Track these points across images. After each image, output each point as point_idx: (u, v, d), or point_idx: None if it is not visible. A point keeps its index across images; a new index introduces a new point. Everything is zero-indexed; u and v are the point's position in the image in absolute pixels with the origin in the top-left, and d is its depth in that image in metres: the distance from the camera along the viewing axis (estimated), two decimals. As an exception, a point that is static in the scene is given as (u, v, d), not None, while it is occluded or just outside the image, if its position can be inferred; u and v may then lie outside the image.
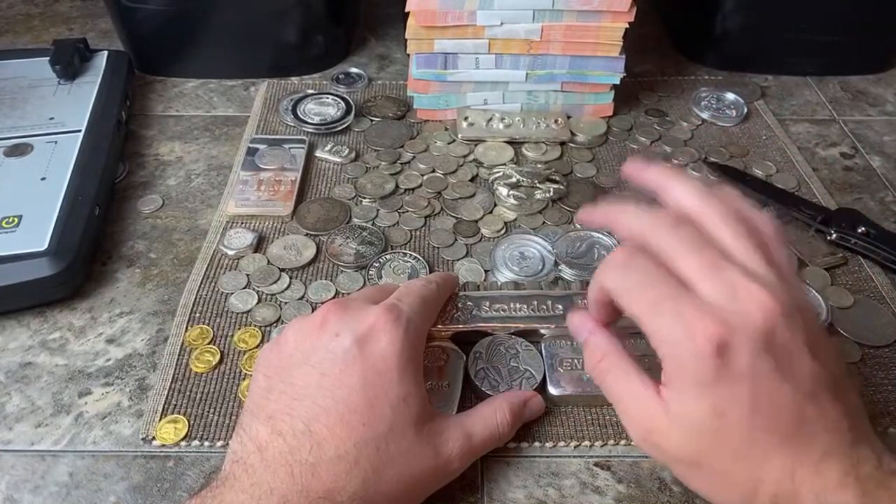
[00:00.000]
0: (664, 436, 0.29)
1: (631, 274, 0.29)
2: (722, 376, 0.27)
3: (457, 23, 0.53)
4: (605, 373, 0.31)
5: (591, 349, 0.33)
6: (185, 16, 0.61)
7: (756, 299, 0.27)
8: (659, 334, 0.28)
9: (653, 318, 0.28)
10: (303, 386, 0.32)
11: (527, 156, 0.56)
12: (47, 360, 0.41)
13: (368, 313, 0.34)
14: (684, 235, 0.29)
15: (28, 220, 0.45)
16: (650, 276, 0.29)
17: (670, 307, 0.27)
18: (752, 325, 0.27)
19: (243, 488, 0.29)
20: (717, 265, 0.28)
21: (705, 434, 0.28)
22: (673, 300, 0.28)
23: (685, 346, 0.27)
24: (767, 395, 0.27)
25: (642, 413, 0.29)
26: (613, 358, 0.31)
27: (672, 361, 0.28)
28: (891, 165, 0.57)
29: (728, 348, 0.26)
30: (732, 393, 0.27)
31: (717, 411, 0.27)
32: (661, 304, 0.28)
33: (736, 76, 0.67)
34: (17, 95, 0.57)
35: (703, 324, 0.26)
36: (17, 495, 0.35)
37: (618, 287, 0.30)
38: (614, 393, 0.31)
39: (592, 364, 0.32)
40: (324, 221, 0.50)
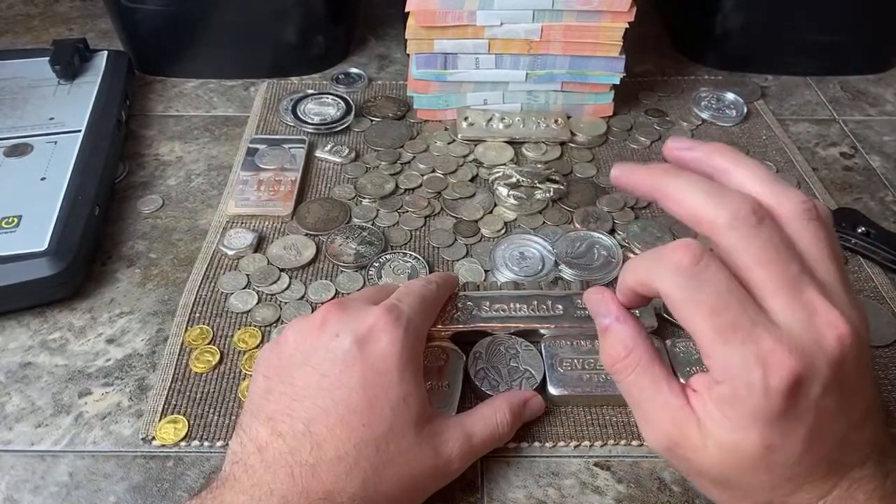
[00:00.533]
0: (695, 451, 0.26)
1: (702, 288, 0.25)
2: (787, 415, 0.24)
3: (457, 23, 0.53)
4: (628, 372, 0.28)
5: (613, 340, 0.29)
6: (185, 16, 0.61)
7: (834, 328, 0.24)
8: (724, 361, 0.25)
9: (721, 345, 0.25)
10: (303, 387, 0.32)
11: (527, 156, 0.56)
12: (47, 360, 0.41)
13: (368, 314, 0.34)
14: (766, 237, 0.25)
15: (28, 220, 0.45)
16: (724, 296, 0.25)
17: (744, 337, 0.24)
18: (827, 359, 0.24)
19: (243, 489, 0.29)
20: (796, 283, 0.25)
21: (746, 462, 0.26)
22: (747, 330, 0.24)
23: (755, 380, 0.24)
24: (824, 430, 0.25)
25: (669, 422, 0.27)
26: (640, 356, 0.28)
27: (731, 388, 0.25)
28: (891, 165, 0.57)
29: (802, 386, 0.24)
30: (790, 430, 0.25)
31: (768, 446, 0.25)
32: (733, 332, 0.24)
33: (736, 76, 0.67)
34: (17, 95, 0.57)
35: (780, 357, 0.24)
36: (17, 495, 0.35)
37: (679, 297, 0.26)
38: (636, 397, 0.28)
39: (614, 359, 0.29)
40: (324, 221, 0.50)
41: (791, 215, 0.26)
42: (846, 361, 0.25)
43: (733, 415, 0.25)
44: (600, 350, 0.30)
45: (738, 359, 0.24)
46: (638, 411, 0.29)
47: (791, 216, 0.26)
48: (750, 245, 0.25)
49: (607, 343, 0.29)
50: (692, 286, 0.25)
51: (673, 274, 0.26)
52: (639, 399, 0.28)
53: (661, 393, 0.27)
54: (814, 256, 0.26)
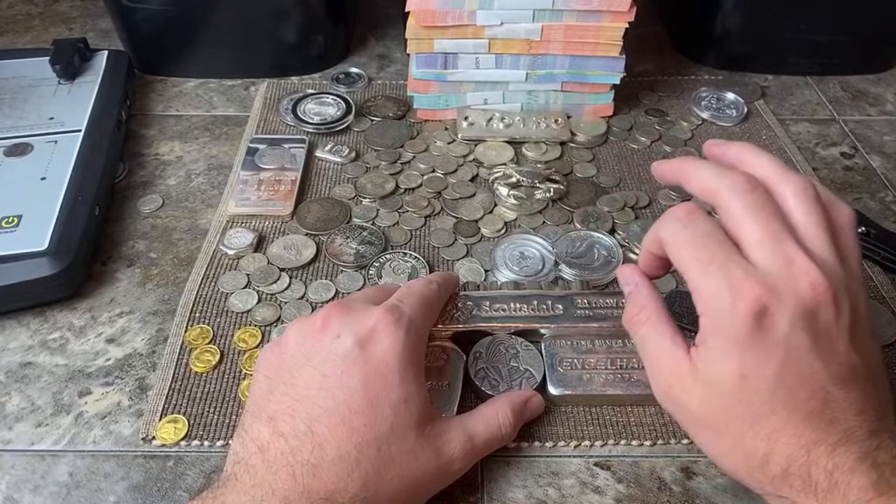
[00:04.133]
0: (686, 392, 0.29)
1: (688, 229, 0.30)
2: (755, 340, 0.27)
3: (457, 23, 0.53)
4: (640, 325, 0.32)
5: (632, 301, 0.33)
6: (185, 16, 0.61)
7: (808, 275, 0.27)
8: (703, 291, 0.28)
9: (700, 275, 0.28)
10: (304, 387, 0.32)
11: (527, 156, 0.56)
12: (47, 360, 0.41)
13: (370, 314, 0.34)
14: (755, 199, 0.29)
15: (28, 219, 0.45)
16: (706, 236, 0.29)
17: (719, 267, 0.28)
18: (797, 298, 0.27)
19: (245, 489, 0.29)
20: (778, 236, 0.28)
21: (726, 395, 0.28)
22: (723, 262, 0.28)
23: (726, 304, 0.27)
24: (796, 369, 0.27)
25: (668, 368, 0.30)
26: (651, 312, 0.32)
27: (709, 318, 0.28)
28: (891, 165, 0.57)
29: (768, 314, 0.27)
30: (760, 359, 0.27)
31: (741, 374, 0.27)
32: (711, 262, 0.28)
33: (736, 76, 0.67)
34: (17, 95, 0.56)
35: (749, 285, 0.27)
36: (17, 495, 0.35)
37: (672, 239, 0.30)
38: (645, 346, 0.32)
39: (630, 315, 0.33)
40: (324, 221, 0.50)
41: (789, 192, 0.29)
42: (819, 309, 0.27)
43: (713, 344, 0.28)
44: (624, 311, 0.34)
45: (713, 287, 0.28)
46: (646, 360, 0.32)
47: (788, 193, 0.29)
48: (739, 201, 0.29)
49: (628, 305, 0.34)
50: (682, 228, 0.30)
51: (670, 222, 0.31)
52: (648, 349, 0.32)
53: (665, 343, 0.31)
54: (804, 223, 0.29)
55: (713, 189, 0.30)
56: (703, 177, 0.31)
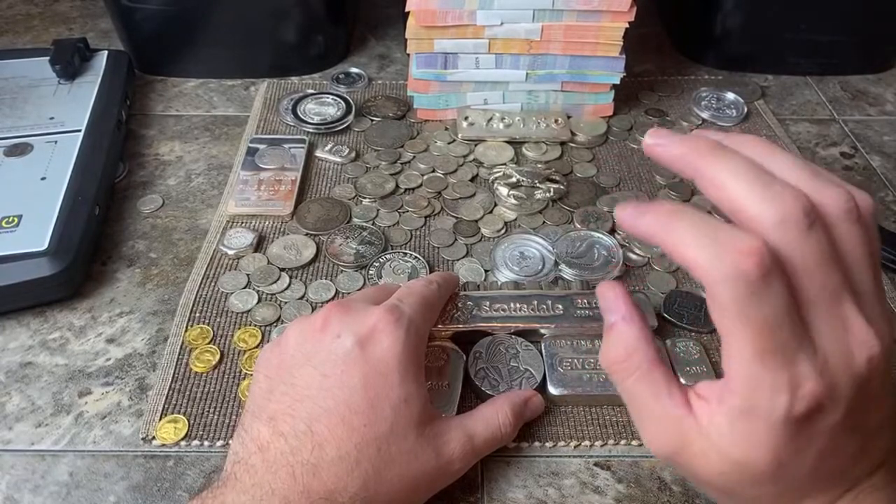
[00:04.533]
0: (696, 459, 0.26)
1: (760, 307, 0.23)
2: (800, 436, 0.24)
3: (457, 23, 0.53)
4: (628, 375, 0.27)
5: (615, 340, 0.27)
6: (185, 16, 0.61)
7: (867, 348, 0.24)
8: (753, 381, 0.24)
9: (756, 365, 0.23)
10: (304, 387, 0.32)
11: (527, 156, 0.56)
12: (47, 360, 0.41)
13: (370, 314, 0.34)
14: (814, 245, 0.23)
15: (28, 219, 0.45)
16: (778, 321, 0.23)
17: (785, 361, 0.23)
18: (853, 380, 0.24)
19: (244, 489, 0.29)
20: (836, 295, 0.24)
21: (753, 476, 0.25)
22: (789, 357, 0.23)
23: (780, 404, 0.23)
24: (836, 448, 0.25)
25: (670, 433, 0.26)
26: (640, 360, 0.27)
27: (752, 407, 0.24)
28: (891, 165, 0.57)
29: (823, 410, 0.24)
30: (803, 447, 0.24)
31: (778, 461, 0.24)
32: (774, 356, 0.23)
33: (736, 76, 0.67)
34: (17, 95, 0.56)
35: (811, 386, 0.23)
36: (18, 495, 0.35)
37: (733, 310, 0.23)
38: (634, 403, 0.27)
39: (612, 360, 0.27)
40: (324, 221, 0.50)
41: (836, 215, 0.24)
42: (872, 380, 0.24)
43: (745, 430, 0.24)
44: (601, 348, 0.28)
45: (769, 382, 0.23)
46: (636, 416, 0.28)
47: (835, 217, 0.24)
48: (798, 251, 0.23)
49: (609, 342, 0.28)
50: (751, 301, 0.23)
51: (733, 279, 0.22)
52: (637, 405, 0.27)
53: (661, 401, 0.26)
54: (853, 262, 0.24)
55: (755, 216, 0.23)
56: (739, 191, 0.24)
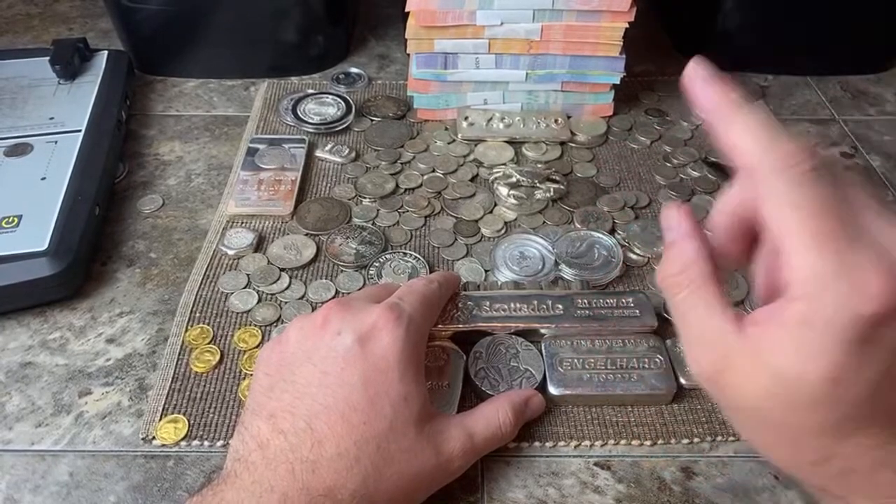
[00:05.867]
0: (741, 380, 0.24)
1: (815, 189, 0.22)
2: (862, 349, 0.22)
3: (457, 23, 0.53)
4: (681, 290, 0.26)
5: (673, 255, 0.27)
6: (185, 16, 0.61)
7: None
8: (808, 273, 0.22)
9: (813, 252, 0.22)
10: (304, 384, 0.32)
11: (527, 155, 0.56)
12: (47, 360, 0.41)
13: (370, 312, 0.34)
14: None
15: (28, 220, 0.45)
16: (832, 202, 0.22)
17: (841, 248, 0.22)
18: None
19: (244, 486, 0.29)
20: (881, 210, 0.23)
21: (803, 397, 0.23)
22: (848, 241, 0.22)
23: (842, 304, 0.22)
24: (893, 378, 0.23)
25: (719, 348, 0.25)
26: (696, 274, 0.26)
27: (810, 310, 0.22)
28: (891, 165, 0.57)
29: (886, 323, 0.22)
30: (859, 368, 0.22)
31: (833, 378, 0.22)
32: (833, 240, 0.22)
33: (736, 76, 0.67)
34: (16, 95, 0.56)
35: (875, 286, 0.21)
36: (18, 495, 0.35)
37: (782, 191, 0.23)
38: (686, 315, 0.26)
39: (668, 275, 0.27)
40: (324, 221, 0.50)
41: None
42: None
43: (805, 339, 0.22)
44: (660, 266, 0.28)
45: (829, 269, 0.22)
46: (684, 332, 0.26)
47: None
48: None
49: (667, 258, 0.27)
50: (804, 182, 0.23)
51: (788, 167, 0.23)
52: (687, 320, 0.26)
53: (712, 317, 0.25)
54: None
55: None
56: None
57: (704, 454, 0.37)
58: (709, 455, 0.37)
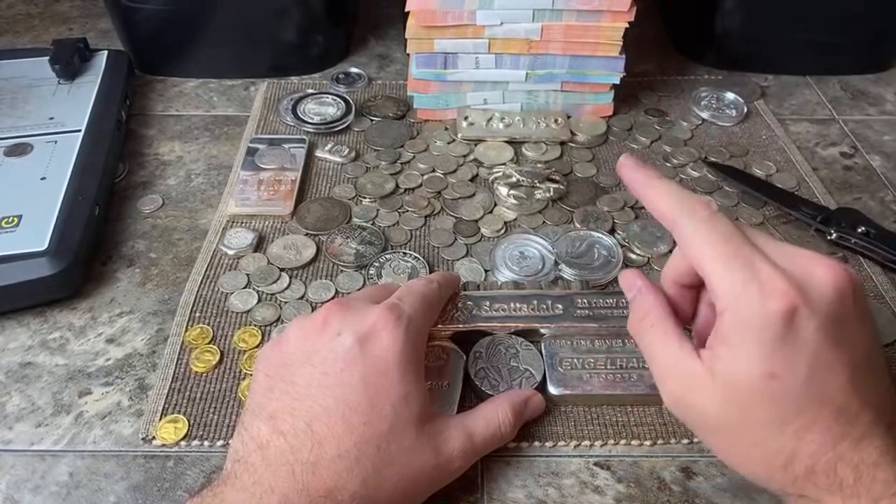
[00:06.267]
0: (702, 396, 0.28)
1: (711, 224, 0.29)
2: (785, 339, 0.26)
3: (457, 22, 0.53)
4: (645, 331, 0.31)
5: (636, 306, 0.32)
6: (185, 16, 0.61)
7: (829, 268, 0.27)
8: (726, 288, 0.27)
9: (724, 270, 0.28)
10: (304, 385, 0.32)
11: (527, 155, 0.56)
12: (47, 360, 0.41)
13: (370, 313, 0.34)
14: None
15: (28, 220, 0.45)
16: (731, 232, 0.28)
17: (745, 264, 0.27)
18: (825, 293, 0.27)
19: (244, 487, 0.29)
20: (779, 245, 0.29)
21: (751, 396, 0.27)
22: (749, 258, 0.27)
23: (754, 303, 0.27)
24: (825, 363, 0.26)
25: (680, 374, 0.29)
26: (655, 317, 0.31)
27: (734, 318, 0.27)
28: (891, 165, 0.57)
29: (798, 314, 0.26)
30: (790, 357, 0.26)
31: (770, 373, 0.26)
32: (736, 258, 0.28)
33: (736, 76, 0.67)
34: (16, 95, 0.56)
35: (778, 284, 0.26)
36: (18, 495, 0.35)
37: (693, 232, 0.29)
38: (652, 351, 0.31)
39: (634, 321, 0.32)
40: (324, 221, 0.50)
41: None
42: (845, 302, 0.27)
43: (736, 343, 0.27)
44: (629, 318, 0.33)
45: (739, 280, 0.27)
46: (653, 367, 0.31)
47: None
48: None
49: (632, 310, 0.33)
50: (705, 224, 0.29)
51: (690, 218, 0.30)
52: (653, 355, 0.31)
53: (671, 347, 0.30)
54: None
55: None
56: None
57: (704, 454, 0.37)
58: (709, 455, 0.37)
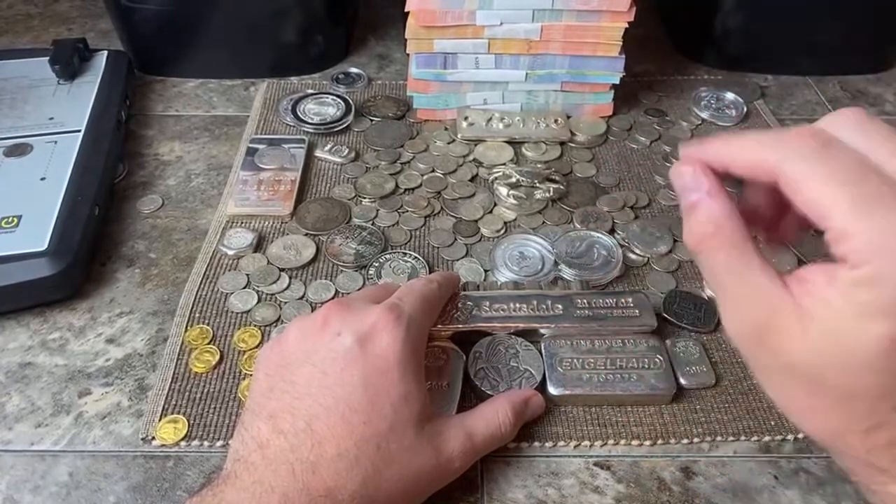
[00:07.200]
0: (790, 340, 0.24)
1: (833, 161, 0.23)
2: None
3: (456, 23, 0.53)
4: (720, 249, 0.25)
5: (702, 216, 0.26)
6: (185, 16, 0.61)
7: None
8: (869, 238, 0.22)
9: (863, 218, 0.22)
10: (304, 385, 0.32)
11: (526, 156, 0.56)
12: (47, 361, 0.41)
13: (370, 313, 0.34)
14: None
15: (28, 220, 0.45)
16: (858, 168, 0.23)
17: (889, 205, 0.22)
18: None
19: (245, 486, 0.29)
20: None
21: (862, 358, 0.23)
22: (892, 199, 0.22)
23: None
24: None
25: (761, 308, 0.24)
26: (733, 230, 0.25)
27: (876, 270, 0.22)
28: (890, 165, 0.57)
29: None
30: None
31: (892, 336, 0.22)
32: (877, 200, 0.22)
33: (736, 76, 0.67)
34: (16, 95, 0.56)
35: None
36: (17, 495, 0.35)
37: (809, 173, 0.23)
38: (723, 278, 0.26)
39: (697, 235, 0.26)
40: (323, 221, 0.50)
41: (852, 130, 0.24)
42: None
43: (866, 299, 0.22)
44: (684, 229, 0.26)
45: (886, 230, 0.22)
46: (723, 293, 0.26)
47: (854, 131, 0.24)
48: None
49: (695, 219, 0.26)
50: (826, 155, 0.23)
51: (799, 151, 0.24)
52: (726, 280, 0.25)
53: (754, 273, 0.25)
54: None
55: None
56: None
57: (704, 454, 0.37)
58: (708, 455, 0.37)
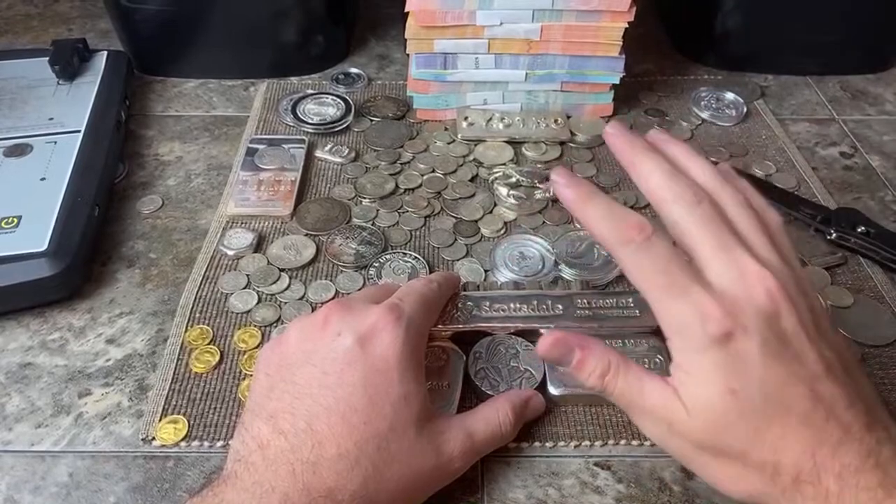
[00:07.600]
0: (685, 424, 0.29)
1: (646, 253, 0.29)
2: (730, 356, 0.28)
3: (456, 23, 0.53)
4: (616, 381, 0.31)
5: (591, 366, 0.31)
6: (184, 16, 0.61)
7: (763, 281, 0.28)
8: (670, 316, 0.29)
9: (666, 301, 0.29)
10: (304, 385, 0.32)
11: (526, 155, 0.56)
12: (47, 361, 0.41)
13: (370, 313, 0.34)
14: (703, 213, 0.30)
15: (28, 220, 0.45)
16: (667, 260, 0.29)
17: (682, 292, 0.29)
18: (757, 308, 0.28)
19: (245, 487, 0.29)
20: (727, 246, 0.29)
21: (723, 414, 0.28)
22: (684, 287, 0.29)
23: (696, 329, 0.28)
24: (777, 374, 0.27)
25: (659, 408, 0.29)
26: (617, 363, 0.31)
27: (681, 342, 0.29)
28: (890, 165, 0.57)
29: (735, 333, 0.27)
30: (742, 371, 0.28)
31: (730, 389, 0.28)
32: (673, 289, 0.29)
33: (736, 76, 0.67)
34: (16, 96, 0.56)
35: (712, 312, 0.28)
36: (18, 496, 0.35)
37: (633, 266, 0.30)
38: (628, 398, 0.31)
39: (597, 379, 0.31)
40: (323, 221, 0.50)
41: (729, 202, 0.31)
42: (780, 311, 0.28)
43: (691, 368, 0.29)
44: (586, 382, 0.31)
45: (679, 312, 0.29)
46: (633, 410, 0.31)
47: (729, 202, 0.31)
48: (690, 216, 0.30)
49: (586, 371, 0.31)
50: (641, 253, 0.29)
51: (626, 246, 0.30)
52: (630, 398, 0.31)
53: (644, 384, 0.30)
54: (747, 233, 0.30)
55: (662, 198, 0.31)
56: (655, 182, 0.31)
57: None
58: (709, 455, 0.37)
